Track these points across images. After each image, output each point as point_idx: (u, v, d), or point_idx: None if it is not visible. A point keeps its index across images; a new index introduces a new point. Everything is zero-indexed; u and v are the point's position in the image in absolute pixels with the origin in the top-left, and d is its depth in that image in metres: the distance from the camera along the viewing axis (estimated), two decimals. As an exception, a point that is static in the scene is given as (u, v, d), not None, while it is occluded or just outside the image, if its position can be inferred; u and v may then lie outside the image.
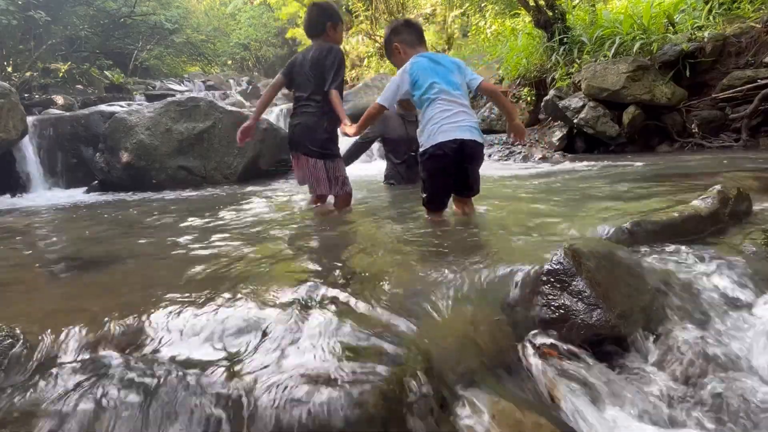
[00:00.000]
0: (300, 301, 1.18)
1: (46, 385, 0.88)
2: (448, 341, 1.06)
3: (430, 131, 2.08)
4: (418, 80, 2.14)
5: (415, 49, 2.28)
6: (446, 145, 2.04)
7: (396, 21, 2.46)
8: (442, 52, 11.95)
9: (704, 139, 5.40)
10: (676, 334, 1.18)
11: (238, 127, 3.12)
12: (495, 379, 1.02)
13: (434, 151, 2.06)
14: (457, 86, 2.14)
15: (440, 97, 2.09)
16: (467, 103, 2.15)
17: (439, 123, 2.06)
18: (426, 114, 2.11)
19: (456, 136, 2.04)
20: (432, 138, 2.07)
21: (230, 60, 22.57)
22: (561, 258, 1.21)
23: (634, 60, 5.59)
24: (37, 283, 1.67)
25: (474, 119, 2.15)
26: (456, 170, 2.11)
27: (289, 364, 0.91)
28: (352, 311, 1.11)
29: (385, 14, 15.00)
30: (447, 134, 2.04)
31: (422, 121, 2.15)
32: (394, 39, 2.35)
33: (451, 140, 2.04)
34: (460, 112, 2.09)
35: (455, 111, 2.08)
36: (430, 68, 2.14)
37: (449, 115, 2.07)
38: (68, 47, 12.14)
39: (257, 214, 2.98)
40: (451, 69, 2.16)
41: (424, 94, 2.12)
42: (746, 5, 5.69)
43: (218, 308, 1.16)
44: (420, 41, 2.33)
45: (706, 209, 1.69)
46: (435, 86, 2.10)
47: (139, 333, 1.09)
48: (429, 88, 2.11)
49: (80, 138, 6.43)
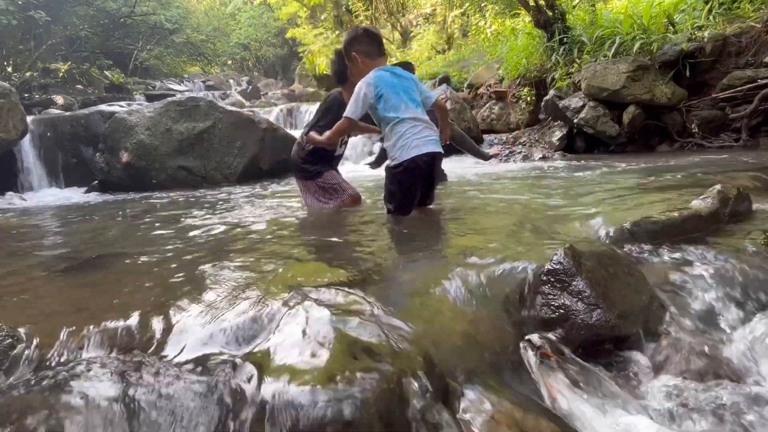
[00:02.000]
0: (300, 301, 1.18)
1: (46, 385, 0.88)
2: (448, 341, 1.06)
3: (403, 146, 2.17)
4: (383, 94, 2.20)
5: (375, 61, 2.32)
6: (420, 159, 2.16)
7: (356, 29, 2.44)
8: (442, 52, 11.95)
9: (704, 139, 5.40)
10: (676, 334, 1.18)
11: (237, 127, 3.14)
12: (495, 378, 1.02)
13: (409, 164, 2.16)
14: (419, 102, 2.26)
15: (409, 115, 2.19)
16: (428, 118, 2.27)
17: (410, 138, 2.17)
18: (396, 129, 2.20)
19: (429, 149, 2.17)
20: (406, 152, 2.16)
21: (230, 60, 22.59)
22: (561, 258, 1.21)
23: (634, 60, 5.59)
24: (37, 283, 1.67)
25: (436, 133, 2.26)
26: (426, 179, 2.25)
27: (290, 364, 0.91)
28: (352, 310, 1.11)
29: (384, 14, 15.00)
30: (420, 148, 2.16)
31: (392, 136, 2.22)
32: (352, 48, 2.36)
33: (425, 153, 2.16)
34: (426, 128, 2.21)
35: (422, 127, 2.20)
36: (394, 84, 2.23)
37: (418, 130, 2.18)
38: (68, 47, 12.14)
39: (257, 214, 2.98)
40: (411, 86, 2.27)
41: (391, 110, 2.20)
42: (746, 5, 5.69)
43: (218, 308, 1.16)
44: (380, 53, 2.36)
45: (706, 209, 1.69)
46: (402, 105, 2.20)
47: (138, 333, 1.09)
48: (397, 106, 2.20)
49: (80, 138, 6.42)
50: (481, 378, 1.00)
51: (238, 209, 3.31)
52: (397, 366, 0.90)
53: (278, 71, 22.08)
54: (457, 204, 2.76)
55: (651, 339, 1.17)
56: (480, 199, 2.93)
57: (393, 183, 2.25)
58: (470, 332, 1.11)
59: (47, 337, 1.07)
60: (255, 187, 4.94)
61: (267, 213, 3.06)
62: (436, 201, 2.81)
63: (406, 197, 2.25)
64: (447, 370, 0.97)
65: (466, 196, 3.08)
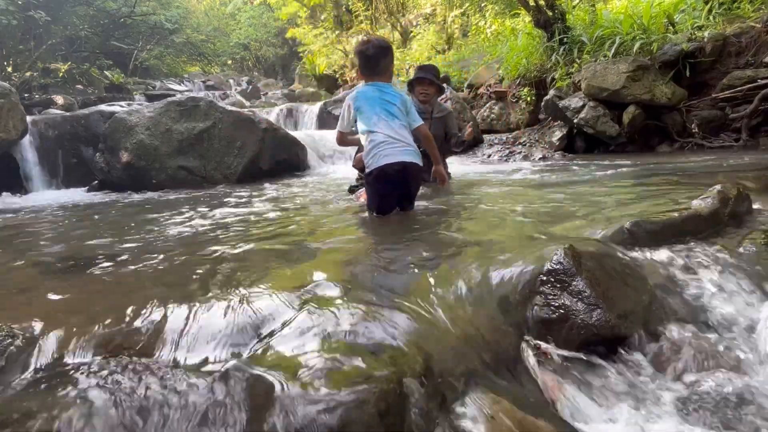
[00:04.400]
0: (300, 301, 1.18)
1: (46, 385, 0.88)
2: (448, 341, 1.06)
3: (375, 155, 2.32)
4: (361, 108, 2.39)
5: (369, 78, 2.46)
6: (390, 167, 2.28)
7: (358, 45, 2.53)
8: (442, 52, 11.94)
9: (704, 139, 5.39)
10: (676, 334, 1.18)
11: (237, 127, 3.14)
12: (495, 379, 1.02)
13: (378, 172, 2.31)
14: (396, 116, 2.36)
15: (380, 127, 2.32)
16: (405, 133, 2.37)
17: (382, 148, 2.31)
18: (370, 139, 2.35)
19: (398, 159, 2.28)
20: (377, 161, 2.31)
21: (230, 60, 22.59)
22: (561, 258, 1.21)
23: (634, 60, 5.59)
24: (36, 282, 1.67)
25: (412, 146, 2.35)
26: (401, 187, 2.38)
27: (290, 364, 0.91)
28: (352, 311, 1.10)
29: (384, 14, 14.99)
30: (389, 158, 2.29)
31: (367, 146, 2.37)
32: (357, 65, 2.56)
33: (395, 163, 2.28)
34: (399, 140, 2.32)
35: (394, 137, 2.31)
36: (374, 98, 2.37)
37: (391, 141, 2.31)
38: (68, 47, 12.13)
39: (257, 214, 2.98)
40: (393, 101, 2.38)
41: (366, 123, 2.36)
42: (746, 5, 5.68)
43: (218, 308, 1.16)
44: (372, 72, 2.44)
45: (706, 209, 1.69)
46: (375, 117, 2.34)
47: (138, 334, 1.09)
48: (370, 119, 2.35)
49: (80, 138, 6.42)
50: (480, 378, 1.00)
51: (237, 209, 3.31)
52: (397, 366, 0.90)
53: (278, 71, 22.07)
54: (456, 204, 2.76)
55: (651, 339, 1.17)
56: (480, 198, 2.92)
57: (368, 188, 2.49)
58: (470, 332, 1.11)
59: (47, 337, 1.07)
60: (255, 187, 4.94)
61: (267, 213, 3.06)
62: (437, 201, 2.81)
63: (382, 200, 2.41)
64: (447, 371, 0.97)
65: (466, 195, 3.08)
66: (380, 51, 2.44)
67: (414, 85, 3.81)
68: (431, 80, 3.76)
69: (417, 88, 3.78)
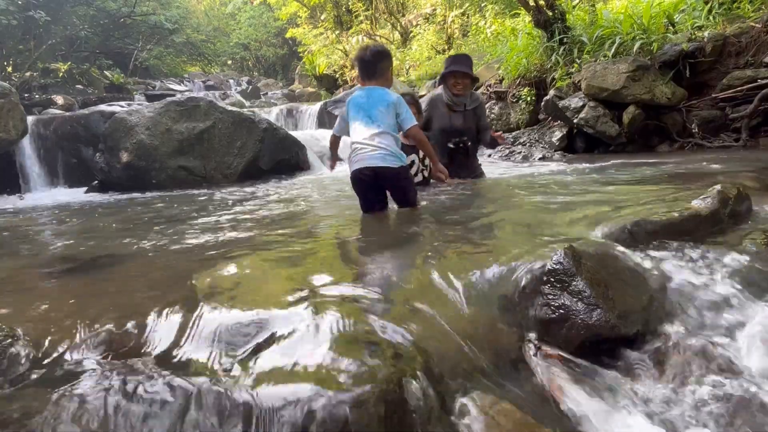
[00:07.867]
0: (300, 302, 1.18)
1: (45, 385, 0.88)
2: (448, 341, 1.06)
3: (351, 159, 2.43)
4: (348, 113, 2.50)
5: (365, 83, 2.52)
6: (361, 172, 2.38)
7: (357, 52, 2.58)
8: (442, 52, 11.94)
9: (704, 139, 5.39)
10: (676, 334, 1.18)
11: (237, 127, 3.13)
12: (495, 379, 1.02)
13: (352, 176, 2.44)
14: (377, 120, 2.38)
15: (357, 132, 2.41)
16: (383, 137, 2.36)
17: (355, 153, 2.40)
18: (351, 144, 2.45)
19: (367, 164, 2.35)
20: (351, 166, 2.42)
21: (230, 60, 22.60)
22: (561, 258, 1.21)
23: (634, 60, 5.58)
24: (36, 283, 1.67)
25: (388, 149, 2.36)
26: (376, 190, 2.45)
27: (290, 364, 0.91)
28: (352, 312, 1.10)
29: (384, 14, 14.99)
30: (360, 163, 2.37)
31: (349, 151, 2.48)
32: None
33: (364, 168, 2.36)
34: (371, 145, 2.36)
35: (367, 143, 2.37)
36: (360, 104, 2.43)
37: (362, 147, 2.38)
38: (68, 47, 12.15)
39: (257, 214, 2.98)
40: (379, 105, 2.39)
41: (350, 127, 2.48)
42: (746, 5, 5.68)
43: (218, 309, 1.16)
44: (368, 76, 2.49)
45: (706, 209, 1.69)
46: (355, 123, 2.43)
47: (138, 334, 1.09)
48: (352, 125, 2.45)
49: (80, 138, 6.42)
50: (480, 378, 1.00)
51: (237, 209, 3.31)
52: (397, 367, 0.90)
53: (278, 71, 22.08)
54: (456, 203, 2.76)
55: (651, 339, 1.17)
56: (480, 198, 2.93)
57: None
58: (470, 332, 1.11)
59: (46, 337, 1.07)
60: (255, 187, 4.94)
61: (267, 213, 3.06)
62: (436, 201, 2.81)
63: (362, 200, 2.53)
64: (447, 371, 0.97)
65: (466, 195, 3.08)
66: (377, 55, 2.48)
67: (446, 78, 3.61)
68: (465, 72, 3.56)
69: (450, 81, 3.58)
